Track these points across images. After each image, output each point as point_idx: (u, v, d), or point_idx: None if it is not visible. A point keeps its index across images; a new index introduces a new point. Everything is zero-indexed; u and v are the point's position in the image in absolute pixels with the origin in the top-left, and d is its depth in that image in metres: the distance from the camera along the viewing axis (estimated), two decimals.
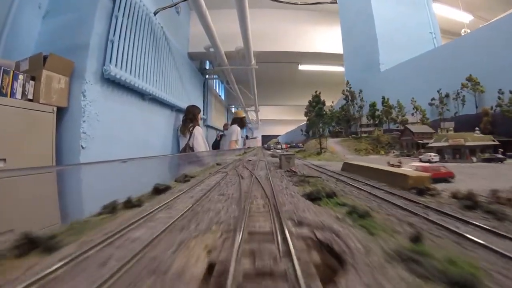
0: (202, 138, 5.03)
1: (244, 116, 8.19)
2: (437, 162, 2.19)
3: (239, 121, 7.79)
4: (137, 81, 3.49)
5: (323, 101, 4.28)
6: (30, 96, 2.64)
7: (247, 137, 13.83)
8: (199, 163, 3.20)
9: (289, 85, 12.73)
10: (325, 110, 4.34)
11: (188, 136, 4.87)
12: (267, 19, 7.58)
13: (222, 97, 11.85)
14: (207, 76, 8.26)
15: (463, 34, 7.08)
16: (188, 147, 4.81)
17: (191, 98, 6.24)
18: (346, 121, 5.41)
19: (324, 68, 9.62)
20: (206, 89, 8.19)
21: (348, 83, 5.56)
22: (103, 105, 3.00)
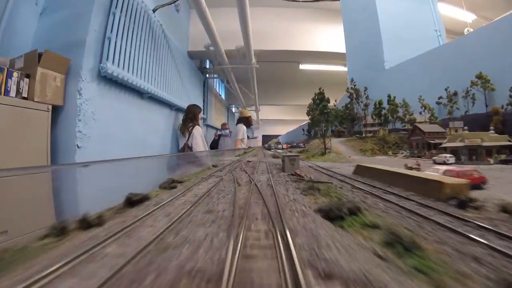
0: (201, 138, 4.93)
1: (249, 115, 8.14)
2: (452, 163, 2.09)
3: (245, 120, 7.77)
4: (135, 79, 3.42)
5: (327, 98, 4.06)
6: (25, 94, 2.57)
7: (247, 137, 13.76)
8: (194, 164, 3.05)
9: (290, 85, 12.65)
10: (330, 108, 4.16)
11: (187, 135, 4.79)
12: (268, 18, 7.50)
13: (223, 96, 11.78)
14: (207, 75, 8.18)
15: (466, 34, 6.97)
16: (187, 147, 4.73)
17: (190, 97, 6.17)
18: (350, 120, 5.22)
19: (325, 67, 9.54)
20: (206, 88, 8.12)
21: (352, 80, 5.37)
22: (100, 104, 2.93)
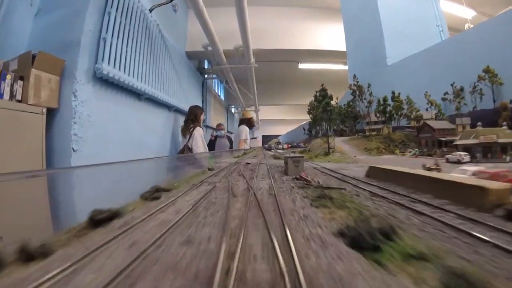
0: (202, 139, 4.89)
1: (251, 117, 8.15)
2: (467, 162, 1.99)
3: (247, 121, 7.79)
4: (131, 80, 3.35)
5: (330, 95, 3.87)
6: (19, 97, 2.51)
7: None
8: (188, 168, 2.93)
9: (289, 85, 12.60)
10: (333, 105, 3.98)
11: (188, 137, 4.75)
12: (266, 17, 7.45)
13: (222, 97, 11.72)
14: (205, 76, 8.13)
15: (471, 27, 6.89)
16: (187, 148, 4.68)
17: (189, 98, 6.10)
18: (353, 118, 5.04)
19: (325, 66, 9.48)
20: (205, 89, 8.06)
21: (355, 76, 5.15)
22: (96, 106, 2.86)
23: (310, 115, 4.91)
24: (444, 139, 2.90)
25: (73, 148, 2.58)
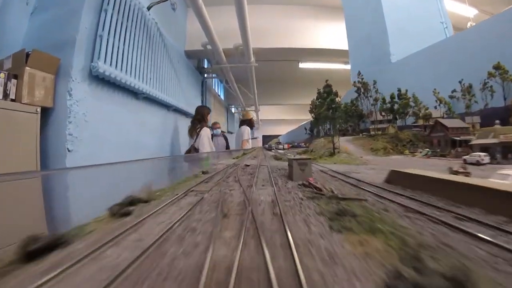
0: (208, 139, 4.88)
1: (252, 117, 8.18)
2: (487, 163, 1.86)
3: (248, 122, 7.83)
4: (128, 79, 3.28)
5: (335, 91, 3.63)
6: (13, 96, 2.44)
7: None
8: (181, 170, 2.78)
9: (289, 84, 12.53)
10: (338, 102, 3.70)
11: (195, 137, 4.76)
12: (266, 15, 7.38)
13: (222, 97, 11.66)
14: (205, 75, 8.07)
15: (469, 27, 6.79)
16: (193, 149, 4.68)
17: (188, 97, 6.03)
18: (358, 117, 4.80)
19: (326, 66, 9.40)
20: (205, 88, 7.99)
21: (359, 73, 4.89)
22: (92, 105, 2.79)
23: (312, 114, 4.78)
24: (458, 138, 2.74)
25: (68, 149, 2.51)
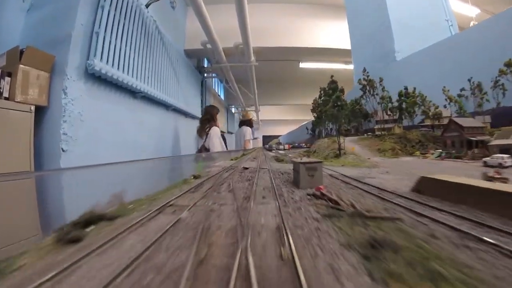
0: (219, 138, 4.90)
1: (251, 118, 8.22)
2: (510, 166, 1.73)
3: (248, 122, 7.87)
4: (126, 78, 3.21)
5: (341, 88, 3.42)
6: (6, 94, 2.38)
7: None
8: (172, 173, 2.60)
9: (290, 84, 12.46)
10: (345, 100, 3.43)
11: (204, 137, 4.77)
12: (267, 14, 7.31)
13: (222, 97, 11.59)
14: (205, 75, 8.00)
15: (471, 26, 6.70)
16: (204, 148, 4.70)
17: (187, 97, 5.96)
18: (363, 116, 4.53)
19: (326, 65, 9.32)
20: (204, 88, 7.92)
21: (365, 70, 4.62)
22: (87, 104, 2.72)
23: (314, 113, 4.64)
24: (474, 138, 2.54)
25: (62, 148, 2.45)
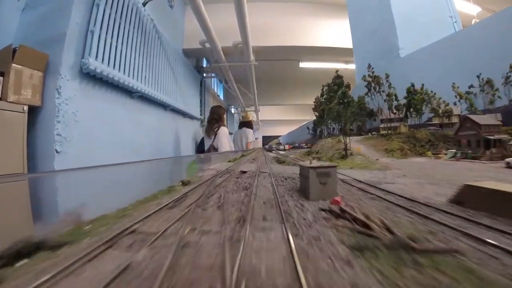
0: (227, 138, 4.92)
1: (251, 119, 8.25)
2: None
3: (248, 124, 7.91)
4: (122, 77, 3.15)
5: (347, 83, 3.15)
6: None
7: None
8: (162, 177, 2.41)
9: (289, 84, 12.40)
10: (351, 96, 3.10)
11: (212, 137, 4.79)
12: (266, 13, 7.25)
13: (221, 97, 11.53)
14: (204, 75, 7.94)
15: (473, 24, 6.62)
16: (212, 148, 4.73)
17: (186, 97, 5.90)
18: (367, 115, 4.35)
19: (327, 65, 9.25)
20: (204, 88, 7.86)
21: (370, 66, 4.42)
22: (82, 103, 2.66)
23: (316, 112, 4.52)
24: (492, 137, 2.34)
25: (56, 150, 2.38)
